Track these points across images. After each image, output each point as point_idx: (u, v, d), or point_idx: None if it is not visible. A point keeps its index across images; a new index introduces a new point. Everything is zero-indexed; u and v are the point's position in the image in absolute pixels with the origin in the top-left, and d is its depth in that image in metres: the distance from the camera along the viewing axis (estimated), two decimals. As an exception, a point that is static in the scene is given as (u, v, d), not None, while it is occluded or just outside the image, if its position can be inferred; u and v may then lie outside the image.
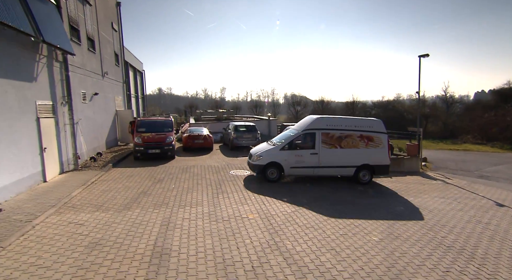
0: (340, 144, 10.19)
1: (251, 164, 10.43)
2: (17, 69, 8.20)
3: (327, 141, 10.12)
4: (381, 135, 10.43)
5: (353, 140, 10.25)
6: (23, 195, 7.88)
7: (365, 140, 10.32)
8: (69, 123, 11.22)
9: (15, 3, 7.68)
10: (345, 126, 10.31)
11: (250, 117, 32.03)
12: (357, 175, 10.34)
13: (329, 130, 10.19)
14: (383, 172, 10.74)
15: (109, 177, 10.19)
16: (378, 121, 10.77)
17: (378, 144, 10.38)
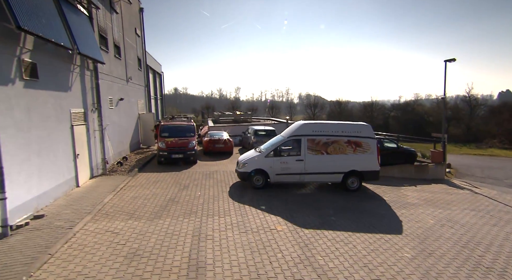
0: (327, 150, 10.03)
1: (238, 172, 10.47)
2: (55, 80, 8.60)
3: (313, 147, 9.99)
4: (369, 140, 10.19)
5: (340, 145, 10.05)
6: (60, 200, 8.26)
7: (353, 146, 10.10)
8: (98, 129, 11.64)
9: (55, 18, 8.05)
10: (332, 131, 10.13)
11: (267, 120, 32.09)
12: (345, 182, 10.13)
13: (315, 136, 10.05)
14: (372, 178, 10.40)
15: (136, 183, 10.50)
16: (366, 125, 10.52)
17: (366, 150, 10.13)
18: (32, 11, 6.85)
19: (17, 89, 6.85)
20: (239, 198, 8.94)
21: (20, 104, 6.94)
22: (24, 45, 7.14)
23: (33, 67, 7.43)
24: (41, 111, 7.79)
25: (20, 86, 7.00)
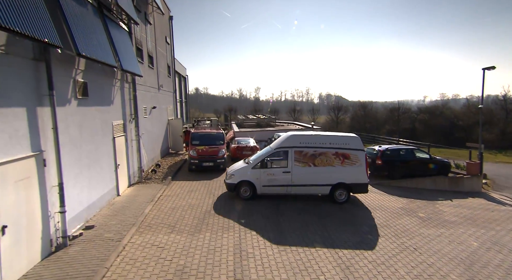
0: (314, 162, 9.95)
1: (225, 183, 10.50)
2: (100, 95, 9.12)
3: (300, 159, 9.94)
4: (358, 152, 10.04)
5: (327, 157, 9.95)
6: (105, 210, 8.75)
7: (341, 158, 9.98)
8: (135, 139, 12.17)
9: (104, 38, 8.52)
10: (319, 143, 10.05)
11: (291, 123, 32.01)
12: (332, 194, 10.04)
13: (303, 148, 10.00)
14: (361, 190, 10.23)
15: (172, 192, 10.89)
16: (355, 137, 10.35)
17: (354, 162, 9.99)
18: (87, 35, 7.31)
19: (72, 108, 7.35)
20: (275, 211, 9.05)
21: (74, 122, 7.43)
22: (78, 67, 7.64)
23: (84, 86, 7.92)
24: (90, 126, 8.29)
25: (75, 105, 7.49)
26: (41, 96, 6.12)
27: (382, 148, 14.24)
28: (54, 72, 6.33)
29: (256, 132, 23.22)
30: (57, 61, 6.62)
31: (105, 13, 9.36)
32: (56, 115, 6.37)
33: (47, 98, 6.25)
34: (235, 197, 10.20)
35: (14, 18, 4.66)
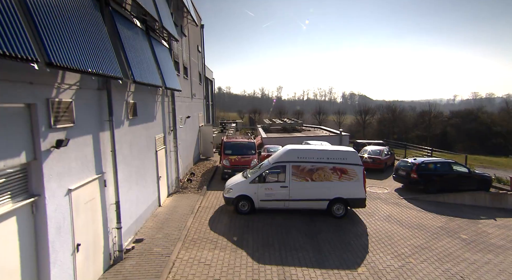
0: (312, 177, 10.00)
1: (224, 197, 10.59)
2: (146, 113, 9.65)
3: (297, 174, 10.01)
4: (355, 167, 10.04)
5: (325, 172, 10.00)
6: (150, 222, 9.27)
7: (338, 173, 10.01)
8: (174, 150, 12.71)
9: (151, 60, 9.02)
10: (317, 158, 10.09)
11: (317, 128, 31.77)
12: (330, 209, 10.07)
13: (300, 163, 10.04)
14: (358, 205, 10.23)
15: (209, 204, 11.29)
16: (352, 152, 10.35)
17: (352, 177, 10.00)
18: (139, 61, 7.79)
19: (125, 128, 7.87)
20: (312, 227, 9.18)
21: (126, 141, 7.95)
22: (130, 89, 8.16)
23: (134, 106, 8.44)
24: (137, 143, 8.82)
25: (126, 125, 8.02)
26: (102, 122, 6.64)
27: (418, 161, 13.88)
28: (113, 98, 6.84)
29: (284, 138, 23.31)
30: (115, 87, 7.13)
31: (150, 34, 9.87)
32: (114, 138, 6.87)
33: (107, 123, 6.76)
34: (271, 211, 10.39)
35: (88, 60, 5.13)
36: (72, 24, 5.00)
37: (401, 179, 14.20)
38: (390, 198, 12.76)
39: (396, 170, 14.61)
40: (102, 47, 5.84)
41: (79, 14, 5.36)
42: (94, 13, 6.01)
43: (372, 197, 12.78)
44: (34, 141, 4.59)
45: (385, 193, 13.53)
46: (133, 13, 8.50)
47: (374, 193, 13.46)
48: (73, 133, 5.47)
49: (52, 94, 4.95)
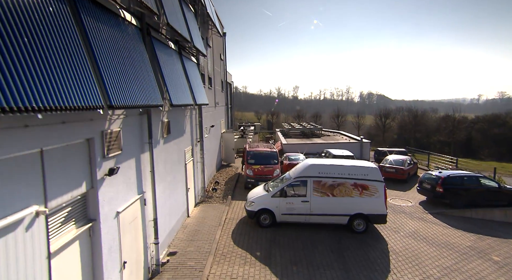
0: (333, 192, 10.16)
1: (245, 209, 10.86)
2: (177, 129, 10.09)
3: (318, 189, 10.19)
4: (376, 183, 10.11)
5: (346, 188, 10.13)
6: (180, 233, 9.72)
7: (359, 189, 10.11)
8: (200, 161, 13.16)
9: (184, 80, 9.44)
10: (338, 173, 10.22)
11: (337, 133, 31.58)
12: (351, 224, 10.20)
13: (321, 178, 10.21)
14: (379, 221, 10.27)
15: (234, 215, 11.64)
16: (374, 168, 10.38)
17: (373, 193, 10.07)
18: (175, 84, 8.21)
19: (160, 147, 8.31)
20: (337, 244, 9.33)
21: (161, 159, 8.39)
22: (165, 109, 8.60)
23: (168, 125, 8.88)
24: (170, 159, 9.26)
25: (161, 144, 8.46)
26: (143, 144, 7.08)
27: (443, 175, 13.64)
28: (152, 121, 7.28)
29: (304, 145, 23.41)
30: (153, 110, 7.56)
31: (182, 53, 10.30)
32: (153, 159, 7.31)
33: (147, 145, 7.20)
34: (294, 225, 10.59)
35: (137, 94, 5.54)
36: (124, 61, 5.42)
37: (425, 192, 14.01)
38: (414, 212, 12.66)
39: (421, 183, 14.42)
40: (147, 79, 6.26)
41: (129, 48, 5.79)
42: (139, 44, 6.43)
43: (396, 211, 12.73)
44: (92, 171, 5.03)
45: (409, 207, 13.41)
46: (168, 36, 8.93)
47: (398, 206, 13.38)
48: (120, 159, 5.91)
49: (105, 126, 5.39)
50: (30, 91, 2.95)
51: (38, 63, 3.17)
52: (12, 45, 2.84)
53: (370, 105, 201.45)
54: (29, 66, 3.02)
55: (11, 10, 2.94)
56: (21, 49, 2.97)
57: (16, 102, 2.73)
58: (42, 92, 3.11)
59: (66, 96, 3.48)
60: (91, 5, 4.75)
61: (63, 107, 3.36)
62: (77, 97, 3.67)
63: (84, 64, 4.08)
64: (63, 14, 3.89)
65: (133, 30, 6.32)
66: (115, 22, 5.50)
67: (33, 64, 3.09)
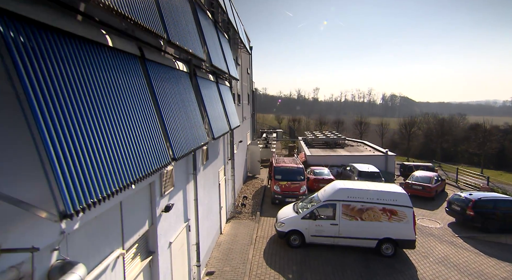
0: (361, 216, 10.41)
1: (276, 229, 11.27)
2: (213, 153, 10.75)
3: (347, 213, 10.48)
4: (405, 209, 10.30)
5: (375, 213, 10.36)
6: (215, 252, 10.35)
7: (388, 214, 10.33)
8: (231, 178, 13.79)
9: (222, 111, 10.08)
10: (367, 198, 10.47)
11: (360, 143, 31.35)
12: (379, 248, 10.40)
13: (350, 202, 10.50)
14: (408, 246, 10.46)
15: (264, 233, 12.15)
16: (403, 194, 10.57)
17: (402, 218, 10.28)
18: (215, 117, 8.84)
19: (200, 174, 8.97)
20: (366, 267, 9.59)
21: (200, 184, 9.04)
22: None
23: (207, 151, 9.53)
24: (208, 183, 9.92)
25: (201, 170, 9.12)
26: (188, 176, 7.75)
27: (474, 198, 13.44)
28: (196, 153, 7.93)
29: (328, 157, 23.57)
30: (197, 142, 8.22)
31: (218, 81, 10.95)
32: (197, 188, 7.97)
33: (192, 176, 7.87)
34: (323, 246, 10.93)
35: (191, 140, 6.17)
36: (179, 107, 6.06)
37: (455, 214, 13.86)
38: (443, 235, 12.61)
39: (450, 204, 14.28)
40: (196, 118, 6.89)
41: (181, 93, 6.43)
42: (188, 87, 7.09)
43: (424, 233, 12.73)
44: (152, 210, 5.71)
45: (438, 229, 13.35)
46: (208, 70, 9.60)
47: (426, 228, 13.35)
48: (173, 194, 6.57)
49: (164, 169, 6.06)
50: (124, 169, 3.56)
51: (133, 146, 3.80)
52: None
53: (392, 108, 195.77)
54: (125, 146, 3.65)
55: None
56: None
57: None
58: (134, 166, 3.74)
59: (150, 162, 4.11)
60: (156, 65, 5.40)
61: (148, 174, 3.99)
62: (155, 161, 4.31)
63: (155, 123, 4.71)
64: (142, 82, 4.52)
65: (183, 75, 6.98)
66: (172, 74, 6.17)
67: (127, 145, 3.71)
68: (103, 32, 3.74)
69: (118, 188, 3.26)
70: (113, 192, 3.13)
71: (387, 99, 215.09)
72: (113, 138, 3.37)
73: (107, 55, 3.70)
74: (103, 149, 3.13)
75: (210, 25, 9.55)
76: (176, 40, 5.45)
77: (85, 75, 3.12)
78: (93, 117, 3.10)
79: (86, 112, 2.98)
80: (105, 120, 3.30)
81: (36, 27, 2.57)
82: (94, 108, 3.13)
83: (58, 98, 2.63)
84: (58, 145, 2.49)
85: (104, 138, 3.21)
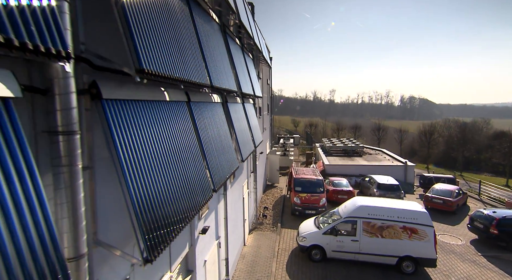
0: (382, 234, 10.63)
1: (298, 243, 11.65)
2: (239, 169, 11.30)
3: (368, 230, 10.72)
4: (426, 228, 10.44)
5: (395, 230, 10.55)
6: (240, 264, 10.88)
7: (408, 232, 10.49)
8: (253, 191, 14.32)
9: (248, 129, 10.63)
10: (387, 216, 10.68)
11: (378, 152, 31.17)
12: (399, 265, 10.56)
13: (371, 219, 10.74)
14: (429, 265, 10.54)
15: (286, 246, 12.59)
16: (423, 213, 10.65)
17: (422, 237, 10.41)
18: (243, 139, 9.38)
19: (228, 192, 9.53)
20: None
21: (229, 201, 9.59)
22: (233, 158, 9.82)
23: (234, 170, 10.08)
24: (234, 199, 10.47)
25: (229, 188, 9.68)
26: (219, 196, 8.32)
27: (498, 216, 13.30)
28: (227, 176, 8.48)
29: (346, 166, 23.71)
30: (227, 164, 8.79)
31: (244, 100, 11.51)
32: (227, 207, 8.53)
33: (222, 196, 8.44)
34: (344, 262, 11.24)
35: (225, 166, 6.73)
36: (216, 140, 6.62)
37: (477, 232, 13.74)
38: (466, 253, 12.59)
39: (472, 221, 14.17)
40: (229, 146, 7.45)
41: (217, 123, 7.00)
42: (221, 115, 7.66)
43: (445, 250, 12.76)
44: (191, 233, 6.29)
45: (460, 246, 13.32)
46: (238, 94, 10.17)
47: (447, 244, 13.36)
48: (207, 215, 7.16)
49: (201, 193, 6.64)
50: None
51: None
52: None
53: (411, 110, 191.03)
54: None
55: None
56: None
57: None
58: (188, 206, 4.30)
59: (198, 199, 4.67)
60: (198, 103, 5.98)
61: (198, 210, 4.55)
62: (201, 196, 4.87)
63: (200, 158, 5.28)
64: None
65: (217, 105, 7.56)
66: (209, 107, 6.74)
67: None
68: (162, 89, 4.34)
69: (179, 230, 3.83)
70: (176, 234, 3.70)
71: (406, 101, 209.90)
72: (174, 183, 3.95)
73: (165, 106, 4.29)
74: (171, 199, 3.71)
75: (238, 50, 10.13)
76: (216, 83, 6.04)
77: (153, 131, 3.71)
78: (161, 166, 3.68)
79: (156, 161, 3.56)
80: (168, 168, 3.88)
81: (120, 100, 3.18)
82: (161, 157, 3.72)
83: (138, 155, 3.23)
84: (141, 204, 3.07)
85: (170, 186, 3.79)
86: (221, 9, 7.86)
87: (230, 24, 9.87)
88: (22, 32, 1.86)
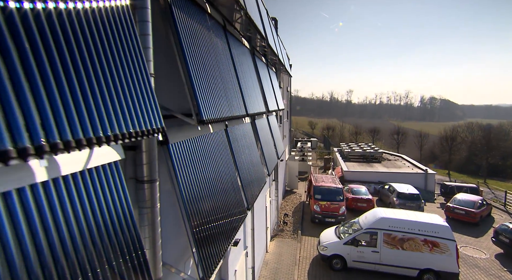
0: (402, 246, 10.70)
1: (319, 252, 11.88)
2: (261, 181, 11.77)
3: (388, 241, 10.85)
4: (448, 242, 10.43)
5: (416, 243, 10.59)
6: (263, 271, 11.37)
7: (430, 245, 10.51)
8: (275, 199, 14.78)
9: (273, 149, 11.10)
10: (408, 228, 10.76)
11: (398, 158, 30.82)
12: (420, 278, 10.59)
13: (391, 231, 10.86)
14: (450, 279, 10.46)
15: (307, 253, 12.97)
16: (445, 227, 10.64)
17: (444, 251, 10.40)
18: (268, 153, 9.86)
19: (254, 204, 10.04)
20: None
21: (255, 211, 10.12)
22: (259, 171, 10.32)
23: (259, 182, 10.58)
24: (258, 209, 10.94)
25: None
26: (247, 208, 8.82)
27: (525, 230, 13.11)
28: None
29: (365, 173, 23.71)
30: (254, 177, 9.29)
31: (268, 114, 11.99)
32: (254, 219, 9.03)
33: (251, 209, 8.93)
34: (364, 272, 11.49)
35: (255, 186, 7.23)
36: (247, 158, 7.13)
37: (503, 246, 13.56)
38: (490, 268, 12.49)
39: (497, 234, 13.99)
40: (258, 162, 7.95)
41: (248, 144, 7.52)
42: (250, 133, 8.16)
43: (468, 263, 12.72)
44: (226, 245, 6.83)
45: (483, 260, 13.21)
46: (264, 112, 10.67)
47: (470, 258, 13.28)
48: (238, 228, 7.67)
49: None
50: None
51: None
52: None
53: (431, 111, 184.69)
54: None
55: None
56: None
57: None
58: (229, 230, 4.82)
59: (237, 221, 5.18)
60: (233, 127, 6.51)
61: (235, 232, 5.06)
62: (239, 218, 5.38)
63: (235, 178, 5.80)
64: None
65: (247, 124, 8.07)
66: (240, 127, 7.26)
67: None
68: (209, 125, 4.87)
69: (225, 250, 4.35)
70: (223, 254, 4.22)
71: (426, 102, 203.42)
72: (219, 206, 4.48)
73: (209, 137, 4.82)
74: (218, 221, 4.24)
75: (264, 68, 10.62)
76: (250, 110, 6.55)
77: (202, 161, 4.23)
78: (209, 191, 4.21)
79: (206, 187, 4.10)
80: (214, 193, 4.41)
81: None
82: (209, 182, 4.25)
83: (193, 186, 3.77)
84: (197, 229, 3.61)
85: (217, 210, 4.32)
86: (250, 34, 8.37)
87: (257, 45, 10.36)
88: (135, 124, 2.41)
